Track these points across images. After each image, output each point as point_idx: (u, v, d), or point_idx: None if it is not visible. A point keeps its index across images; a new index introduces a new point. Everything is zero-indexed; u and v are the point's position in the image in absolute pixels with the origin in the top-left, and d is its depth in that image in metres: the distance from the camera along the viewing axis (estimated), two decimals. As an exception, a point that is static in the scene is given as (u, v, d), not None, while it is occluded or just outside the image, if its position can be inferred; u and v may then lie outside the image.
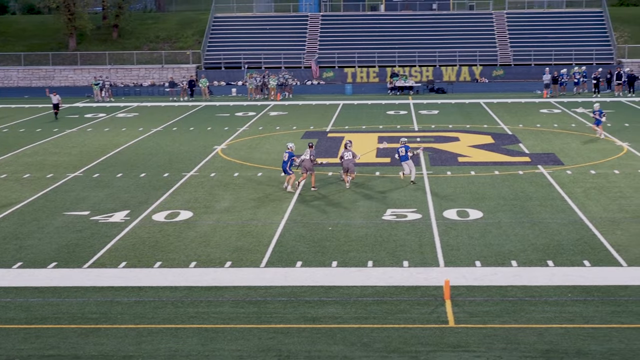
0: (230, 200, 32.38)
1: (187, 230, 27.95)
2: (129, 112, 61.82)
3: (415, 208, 30.46)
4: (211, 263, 24.36)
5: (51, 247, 26.32)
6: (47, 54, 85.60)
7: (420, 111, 58.96)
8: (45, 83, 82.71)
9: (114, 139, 48.50)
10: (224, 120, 56.16)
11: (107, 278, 23.19)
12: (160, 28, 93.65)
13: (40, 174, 38.20)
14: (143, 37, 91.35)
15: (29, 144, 47.05)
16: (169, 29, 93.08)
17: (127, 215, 30.22)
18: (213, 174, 37.40)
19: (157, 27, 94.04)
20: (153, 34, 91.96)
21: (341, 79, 79.67)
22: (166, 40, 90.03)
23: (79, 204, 32.24)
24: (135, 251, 25.64)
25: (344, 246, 25.76)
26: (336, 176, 36.31)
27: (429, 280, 22.51)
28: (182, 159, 41.27)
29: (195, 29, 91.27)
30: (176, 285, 22.51)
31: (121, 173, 38.06)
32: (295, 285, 22.34)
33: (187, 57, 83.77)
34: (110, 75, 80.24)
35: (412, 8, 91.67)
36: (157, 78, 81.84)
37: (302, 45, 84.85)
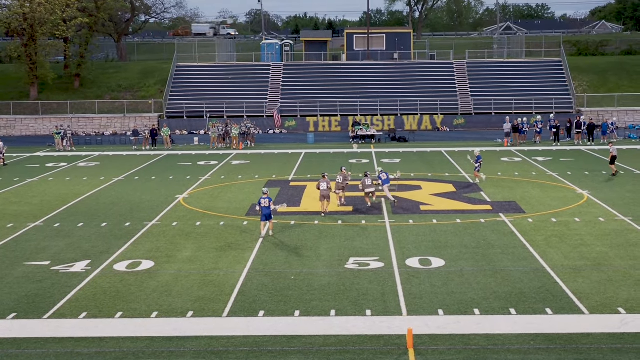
0: (192, 249, 32.24)
1: (148, 280, 27.77)
2: (91, 161, 61.55)
3: (378, 256, 30.49)
4: (173, 313, 24.19)
5: (11, 297, 26.02)
6: (8, 103, 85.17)
7: (382, 160, 59.21)
8: (6, 132, 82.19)
9: (75, 188, 48.21)
10: (186, 169, 56.06)
11: (67, 329, 22.94)
12: (123, 77, 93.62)
13: (1, 224, 37.84)
14: (105, 86, 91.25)
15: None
16: (131, 78, 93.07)
17: (88, 265, 29.99)
18: (175, 223, 37.25)
19: (119, 77, 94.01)
20: (115, 83, 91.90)
21: (303, 127, 79.93)
22: (128, 90, 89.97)
23: (39, 253, 31.95)
24: (96, 301, 25.41)
25: (307, 295, 25.69)
26: (298, 224, 36.30)
27: (392, 329, 22.49)
28: (143, 208, 41.09)
29: (157, 78, 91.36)
30: (137, 335, 22.32)
31: (82, 222, 37.81)
32: (258, 335, 22.23)
33: (149, 106, 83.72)
34: (71, 124, 79.94)
35: (373, 57, 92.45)
36: (119, 127, 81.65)
37: (264, 95, 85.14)
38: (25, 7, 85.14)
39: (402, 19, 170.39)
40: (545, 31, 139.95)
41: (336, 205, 40.59)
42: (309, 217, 38.24)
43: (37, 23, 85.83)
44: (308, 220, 37.53)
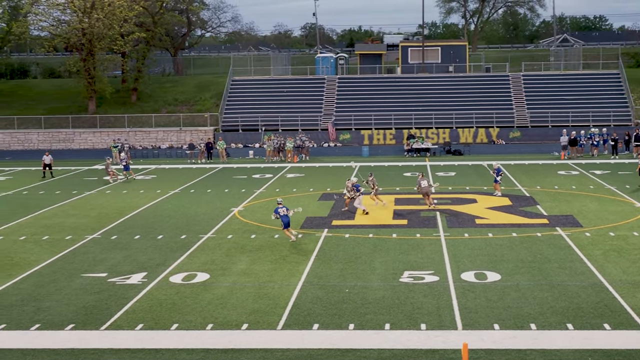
0: (247, 262, 32.37)
1: (204, 292, 27.91)
2: (147, 174, 62.13)
3: (433, 270, 30.35)
4: (228, 325, 24.28)
5: (69, 308, 26.32)
6: (67, 117, 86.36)
7: (437, 173, 59.01)
8: (65, 146, 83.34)
9: (132, 201, 48.67)
10: (241, 182, 56.34)
11: (124, 340, 23.13)
12: (179, 91, 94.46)
13: (59, 236, 38.33)
14: (161, 100, 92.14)
15: (48, 206, 47.27)
16: (187, 92, 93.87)
17: (144, 277, 30.23)
18: (230, 236, 37.43)
19: (176, 90, 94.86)
20: (171, 97, 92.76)
21: (358, 140, 79.96)
22: (184, 103, 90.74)
23: (97, 265, 32.29)
24: (152, 313, 25.60)
25: (361, 308, 25.64)
26: (352, 237, 36.30)
27: (447, 344, 22.36)
28: (199, 221, 41.35)
29: (213, 92, 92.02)
30: (193, 347, 22.43)
31: (139, 235, 38.15)
32: (312, 348, 22.23)
33: (205, 119, 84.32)
34: (128, 137, 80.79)
35: (428, 70, 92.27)
36: (175, 140, 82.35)
37: (319, 108, 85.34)
38: (84, 22, 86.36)
39: (457, 31, 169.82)
40: (603, 43, 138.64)
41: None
42: (363, 230, 38.20)
43: (95, 38, 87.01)
44: (362, 233, 37.49)
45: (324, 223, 40.18)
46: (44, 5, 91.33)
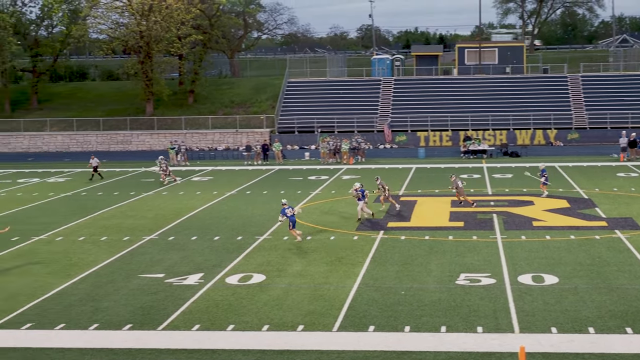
0: (302, 263, 32.42)
1: (259, 294, 28.02)
2: (204, 176, 62.54)
3: (489, 273, 30.15)
4: (283, 326, 24.34)
5: (126, 309, 26.58)
6: (125, 119, 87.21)
7: (494, 175, 58.64)
8: (122, 147, 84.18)
9: (189, 202, 49.01)
10: (297, 183, 56.47)
11: (180, 340, 23.30)
12: (235, 93, 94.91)
13: (117, 237, 38.72)
14: (218, 102, 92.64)
15: (106, 207, 47.79)
16: (243, 94, 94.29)
17: (201, 278, 30.42)
18: (286, 238, 37.51)
19: (232, 92, 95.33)
20: (228, 99, 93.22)
21: (414, 142, 79.68)
22: (241, 105, 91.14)
23: (154, 266, 32.57)
24: (209, 314, 25.74)
25: (417, 311, 25.56)
26: (408, 240, 36.20)
27: (504, 347, 22.19)
28: (255, 223, 41.51)
29: (269, 94, 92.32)
30: (249, 348, 22.52)
31: (196, 236, 38.40)
32: (368, 350, 22.20)
33: (261, 121, 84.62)
34: (185, 139, 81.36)
35: (485, 72, 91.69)
36: (231, 142, 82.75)
37: (374, 109, 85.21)
38: (142, 25, 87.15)
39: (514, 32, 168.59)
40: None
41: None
42: (419, 232, 38.07)
43: (153, 41, 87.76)
44: (418, 235, 37.37)
45: (379, 225, 40.12)
46: (103, 8, 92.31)
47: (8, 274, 31.90)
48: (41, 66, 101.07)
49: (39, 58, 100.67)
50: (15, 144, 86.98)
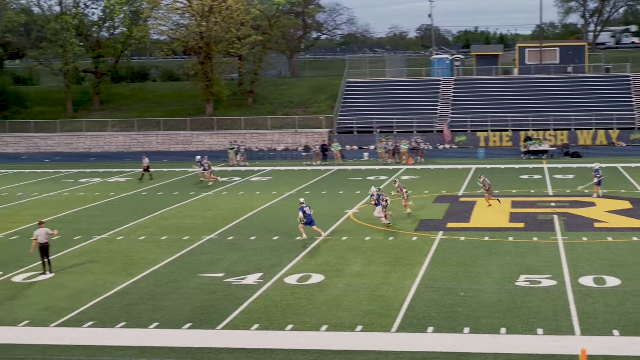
0: (361, 264, 32.39)
1: (318, 294, 28.04)
2: (263, 176, 62.77)
3: (550, 274, 29.84)
4: (342, 327, 24.33)
5: (186, 308, 26.76)
6: (185, 119, 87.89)
7: (555, 176, 58.06)
8: (183, 147, 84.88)
9: (249, 202, 49.22)
10: (356, 184, 56.43)
11: (240, 340, 23.40)
12: (294, 94, 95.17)
13: (177, 236, 39.02)
14: (277, 102, 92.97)
15: (166, 207, 48.17)
16: (302, 94, 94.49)
17: (260, 277, 30.53)
18: (345, 238, 37.51)
19: (291, 93, 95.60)
20: (287, 100, 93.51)
21: (474, 143, 79.19)
22: (300, 106, 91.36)
23: (213, 266, 32.76)
24: (268, 314, 25.82)
25: (476, 312, 25.39)
26: (468, 240, 35.98)
27: (565, 349, 21.95)
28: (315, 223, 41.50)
29: (328, 94, 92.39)
30: (308, 348, 22.55)
31: (255, 236, 38.54)
32: (427, 351, 22.11)
33: (320, 122, 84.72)
34: (245, 139, 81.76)
35: (546, 71, 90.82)
36: (290, 142, 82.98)
37: (434, 110, 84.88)
38: (202, 26, 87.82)
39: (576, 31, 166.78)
40: None
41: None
42: (479, 233, 37.83)
43: (213, 41, 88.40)
44: (478, 236, 37.13)
45: (439, 225, 39.94)
46: (164, 9, 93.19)
47: (71, 272, 32.31)
48: (103, 67, 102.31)
49: (101, 59, 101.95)
50: (77, 144, 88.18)
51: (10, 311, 26.86)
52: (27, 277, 31.50)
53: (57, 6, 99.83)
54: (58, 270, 32.37)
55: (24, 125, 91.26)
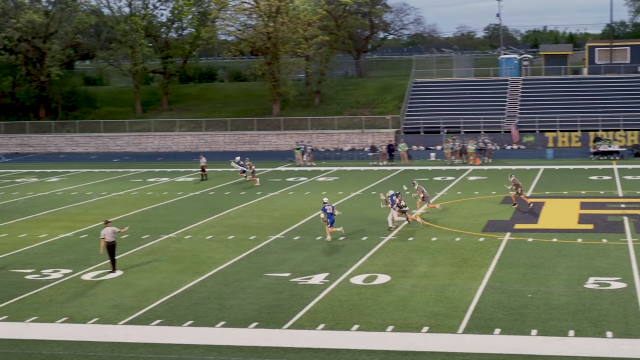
0: (427, 264, 32.26)
1: (384, 294, 27.98)
2: (329, 176, 62.83)
3: (620, 277, 29.41)
4: (408, 328, 24.24)
5: (252, 307, 26.88)
6: (252, 119, 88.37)
7: (625, 177, 57.21)
8: (250, 147, 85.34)
9: (315, 202, 49.27)
10: (422, 184, 56.11)
11: (306, 340, 23.44)
12: (361, 94, 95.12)
13: (244, 236, 39.23)
14: (344, 102, 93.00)
15: (233, 207, 48.46)
16: (369, 94, 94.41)
17: (326, 277, 30.56)
18: (411, 238, 37.38)
19: (358, 93, 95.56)
20: (353, 100, 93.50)
21: (542, 143, 78.35)
22: (366, 106, 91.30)
23: (279, 265, 32.87)
24: (334, 313, 25.83)
25: (544, 314, 25.12)
26: (536, 242, 35.63)
27: (634, 353, 21.61)
28: (380, 223, 41.44)
29: (394, 94, 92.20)
30: (373, 348, 22.50)
31: (321, 236, 38.56)
32: (493, 353, 21.93)
33: (386, 122, 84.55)
34: (311, 139, 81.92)
35: (616, 71, 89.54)
36: (356, 142, 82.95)
37: (501, 110, 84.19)
38: (269, 26, 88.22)
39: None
40: None
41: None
42: (547, 234, 37.43)
43: (280, 42, 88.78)
44: (546, 237, 36.74)
45: (506, 226, 39.61)
46: (231, 10, 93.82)
47: (138, 271, 32.67)
48: (171, 68, 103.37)
49: (169, 60, 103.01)
50: (146, 144, 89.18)
51: (79, 308, 27.25)
52: (96, 275, 31.94)
53: (126, 7, 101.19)
54: (126, 268, 32.75)
55: (94, 125, 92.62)
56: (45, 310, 27.17)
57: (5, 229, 43.21)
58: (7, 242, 39.36)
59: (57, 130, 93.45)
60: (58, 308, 27.38)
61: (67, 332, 24.74)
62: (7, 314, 26.73)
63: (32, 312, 26.87)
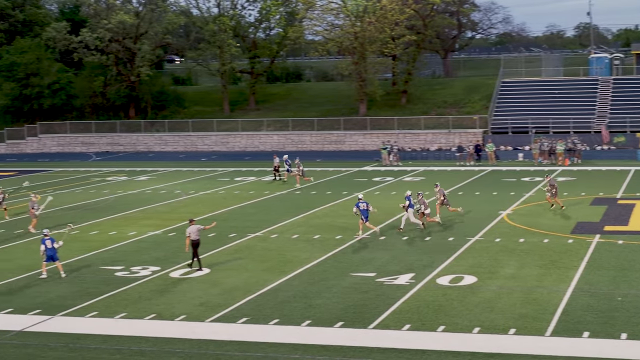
0: (515, 266, 31.92)
1: (470, 295, 27.77)
2: (416, 176, 62.60)
3: None
4: (495, 329, 24.01)
5: (338, 306, 26.92)
6: (338, 119, 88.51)
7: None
8: (335, 147, 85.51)
9: (401, 202, 49.04)
10: (510, 185, 55.65)
11: (391, 340, 23.38)
12: (448, 93, 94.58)
13: (329, 235, 39.30)
14: (430, 102, 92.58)
15: (319, 206, 48.58)
16: (456, 94, 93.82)
17: (411, 278, 30.45)
18: (498, 239, 37.04)
19: (445, 93, 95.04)
20: (440, 99, 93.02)
21: (633, 144, 76.79)
22: (453, 106, 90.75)
23: (365, 265, 32.86)
24: (419, 314, 25.73)
25: (635, 318, 24.65)
26: (626, 244, 34.99)
27: None
28: (466, 224, 41.18)
29: (482, 94, 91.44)
30: (459, 350, 22.34)
31: (407, 236, 38.46)
32: (582, 356, 21.59)
33: (473, 122, 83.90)
34: (398, 139, 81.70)
35: None
36: (443, 142, 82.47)
37: (591, 110, 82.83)
38: (357, 26, 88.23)
39: None
40: None
41: None
42: (638, 236, 36.72)
43: (367, 41, 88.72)
44: (637, 240, 36.04)
45: (595, 228, 39.00)
46: (319, 10, 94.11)
47: (225, 269, 32.97)
48: (259, 67, 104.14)
49: (257, 60, 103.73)
50: (233, 143, 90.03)
51: (167, 305, 27.62)
52: (184, 273, 32.32)
53: (215, 8, 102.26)
54: (213, 267, 33.08)
55: (182, 125, 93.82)
56: (134, 306, 27.62)
57: (95, 226, 44.03)
58: (98, 239, 40.11)
59: (147, 130, 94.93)
60: (146, 305, 27.80)
61: (155, 328, 25.11)
62: (97, 310, 27.24)
63: (121, 309, 27.34)
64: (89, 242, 39.16)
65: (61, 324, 25.84)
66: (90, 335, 24.58)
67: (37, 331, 25.18)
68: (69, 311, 27.23)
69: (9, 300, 28.84)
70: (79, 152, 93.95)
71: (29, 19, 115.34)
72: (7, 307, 27.87)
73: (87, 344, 23.70)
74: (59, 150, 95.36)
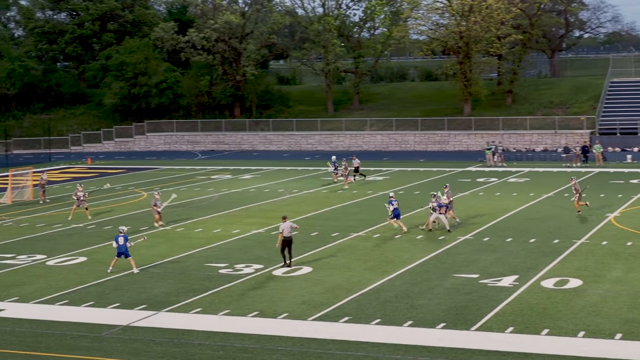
0: (622, 270, 31.28)
1: (576, 299, 27.32)
2: (520, 177, 61.86)
3: None
4: (600, 334, 23.58)
5: (440, 307, 26.78)
6: (442, 119, 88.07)
7: None
8: (439, 147, 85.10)
9: (504, 203, 48.65)
10: (617, 187, 54.55)
11: (494, 342, 23.16)
12: (554, 93, 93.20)
13: (432, 236, 39.11)
14: (536, 102, 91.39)
15: (422, 206, 48.35)
16: (562, 94, 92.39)
17: (515, 280, 30.11)
18: (605, 242, 36.35)
19: (551, 93, 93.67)
20: (547, 99, 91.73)
21: None
22: (560, 106, 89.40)
23: (468, 266, 32.61)
24: (523, 317, 25.42)
25: None
26: None
27: None
28: (572, 226, 40.53)
29: (590, 94, 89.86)
30: (563, 354, 22.01)
31: (511, 238, 38.05)
32: (691, 363, 21.07)
33: (580, 122, 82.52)
34: (502, 140, 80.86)
35: None
36: (549, 143, 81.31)
37: None
38: (462, 25, 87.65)
39: None
40: None
41: None
42: None
43: (472, 41, 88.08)
44: None
45: None
46: (424, 9, 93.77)
47: (328, 268, 33.09)
48: (363, 67, 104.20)
49: (361, 59, 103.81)
50: (337, 143, 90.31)
51: (270, 303, 27.86)
52: (287, 272, 32.54)
53: (320, 7, 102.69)
54: (316, 265, 33.24)
55: (286, 124, 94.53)
56: (237, 304, 27.93)
57: (200, 224, 44.65)
58: (202, 236, 40.69)
59: (251, 129, 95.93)
60: (249, 302, 28.09)
61: (257, 326, 25.35)
62: (201, 306, 27.64)
63: (224, 305, 27.68)
64: (193, 240, 39.77)
65: (166, 320, 26.30)
66: (195, 331, 24.95)
67: (142, 326, 25.69)
68: (173, 307, 27.70)
69: (117, 295, 29.48)
70: (185, 150, 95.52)
71: (137, 19, 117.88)
72: (115, 302, 28.50)
73: (191, 340, 24.07)
74: (165, 148, 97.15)
